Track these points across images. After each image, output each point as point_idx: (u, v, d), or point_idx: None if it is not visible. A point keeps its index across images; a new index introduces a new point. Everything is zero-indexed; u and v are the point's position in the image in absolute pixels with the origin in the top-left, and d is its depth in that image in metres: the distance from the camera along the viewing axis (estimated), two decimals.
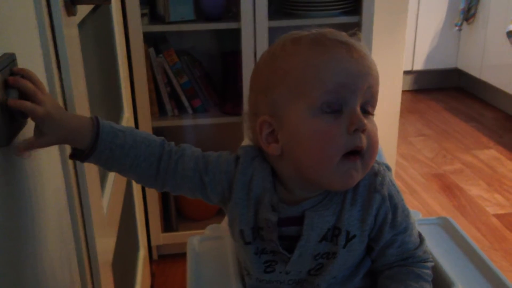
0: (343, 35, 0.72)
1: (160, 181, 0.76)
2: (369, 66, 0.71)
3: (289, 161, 0.73)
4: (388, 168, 0.78)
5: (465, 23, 3.55)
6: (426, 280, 0.75)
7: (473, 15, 3.48)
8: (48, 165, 0.76)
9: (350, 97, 0.69)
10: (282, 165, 0.75)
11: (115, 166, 0.74)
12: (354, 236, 0.74)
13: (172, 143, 0.78)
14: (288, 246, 0.75)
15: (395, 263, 0.77)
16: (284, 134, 0.72)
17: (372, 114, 0.73)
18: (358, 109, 0.70)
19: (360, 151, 0.70)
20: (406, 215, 0.76)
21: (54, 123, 0.66)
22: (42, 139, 0.66)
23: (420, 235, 0.79)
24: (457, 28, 3.56)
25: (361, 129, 0.69)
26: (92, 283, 0.94)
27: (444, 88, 3.87)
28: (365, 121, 0.69)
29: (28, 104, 0.62)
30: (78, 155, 0.72)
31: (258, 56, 1.72)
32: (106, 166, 0.74)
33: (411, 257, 0.76)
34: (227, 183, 0.76)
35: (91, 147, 0.70)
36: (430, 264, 0.78)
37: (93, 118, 0.71)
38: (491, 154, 2.88)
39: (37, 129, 0.66)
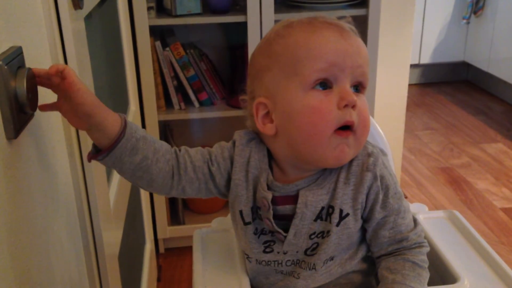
0: (333, 18, 0.76)
1: (176, 178, 0.77)
2: (358, 46, 0.74)
3: (283, 140, 0.75)
4: (383, 152, 0.79)
5: (473, 16, 3.52)
6: (422, 267, 0.76)
7: (481, 7, 3.46)
8: (56, 158, 0.76)
9: (340, 75, 0.72)
10: (277, 145, 0.77)
11: (138, 158, 0.73)
12: (347, 214, 0.76)
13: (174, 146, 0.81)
14: (285, 226, 0.78)
15: (390, 248, 0.78)
16: (278, 113, 0.75)
17: (363, 94, 0.76)
18: (348, 86, 0.73)
19: (351, 126, 0.72)
20: (399, 197, 0.77)
21: (87, 111, 0.68)
22: (76, 123, 0.69)
23: (415, 220, 0.80)
24: (465, 21, 3.54)
25: (351, 104, 0.71)
26: (99, 275, 0.94)
27: (451, 82, 3.84)
28: (355, 97, 0.72)
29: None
30: (99, 152, 0.72)
31: None
32: (130, 157, 0.73)
33: (405, 240, 0.77)
34: (231, 168, 0.79)
35: (120, 132, 0.71)
36: (425, 250, 0.78)
37: (118, 114, 0.73)
38: (499, 147, 2.86)
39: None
